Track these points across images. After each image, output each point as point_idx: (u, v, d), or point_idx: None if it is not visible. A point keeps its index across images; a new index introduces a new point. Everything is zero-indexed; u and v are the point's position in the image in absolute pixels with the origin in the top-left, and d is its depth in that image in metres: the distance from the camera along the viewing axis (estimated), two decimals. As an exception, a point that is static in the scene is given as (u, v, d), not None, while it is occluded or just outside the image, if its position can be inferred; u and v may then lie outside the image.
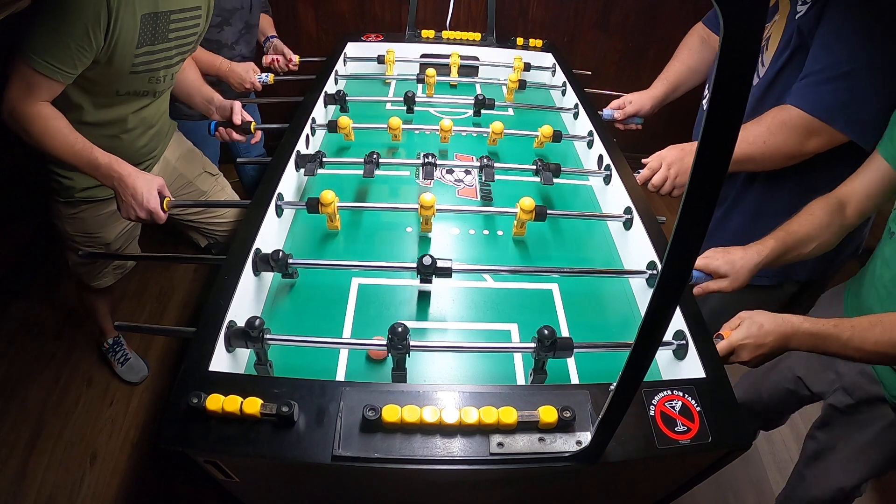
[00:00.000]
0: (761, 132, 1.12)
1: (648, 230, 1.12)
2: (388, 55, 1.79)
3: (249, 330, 0.83)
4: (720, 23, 0.37)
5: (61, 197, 1.36)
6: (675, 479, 0.96)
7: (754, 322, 0.89)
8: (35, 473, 1.64)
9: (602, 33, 2.62)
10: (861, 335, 0.84)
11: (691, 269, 0.50)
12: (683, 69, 1.55)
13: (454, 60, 1.79)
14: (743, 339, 0.89)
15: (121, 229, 1.48)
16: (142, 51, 1.17)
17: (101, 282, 1.61)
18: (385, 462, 0.71)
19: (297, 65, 1.86)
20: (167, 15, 1.19)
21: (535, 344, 0.85)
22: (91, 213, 1.40)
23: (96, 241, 1.46)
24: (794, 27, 1.09)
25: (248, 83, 1.67)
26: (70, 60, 1.07)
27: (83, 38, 1.05)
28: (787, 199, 1.24)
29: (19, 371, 1.91)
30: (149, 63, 1.21)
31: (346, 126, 1.39)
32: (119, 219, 1.45)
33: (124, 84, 1.22)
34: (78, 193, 1.35)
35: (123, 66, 1.16)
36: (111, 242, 1.48)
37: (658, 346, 0.57)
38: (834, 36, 1.04)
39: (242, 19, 1.74)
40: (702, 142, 0.41)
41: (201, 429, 0.73)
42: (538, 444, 0.73)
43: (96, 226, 1.43)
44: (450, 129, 1.40)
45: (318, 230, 1.22)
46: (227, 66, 1.65)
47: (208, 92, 1.48)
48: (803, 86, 1.09)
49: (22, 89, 1.08)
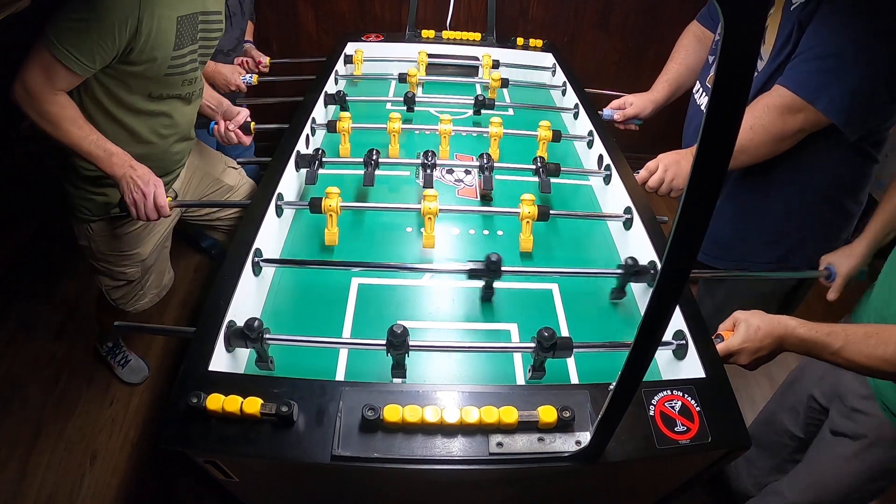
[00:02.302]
0: (748, 118, 1.12)
1: (648, 230, 1.12)
2: (357, 55, 1.79)
3: (248, 331, 0.83)
4: (721, 21, 0.37)
5: (95, 216, 1.34)
6: (674, 479, 0.96)
7: (751, 325, 0.89)
8: (35, 473, 1.64)
9: (602, 33, 2.62)
10: (853, 346, 0.83)
11: (691, 269, 0.50)
12: (682, 70, 1.55)
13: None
14: (741, 343, 0.89)
15: (155, 241, 1.46)
16: (179, 52, 1.19)
17: (139, 305, 1.55)
18: (384, 462, 0.71)
19: (266, 66, 1.90)
20: (195, 17, 1.21)
21: (535, 344, 0.85)
22: (125, 228, 1.38)
23: (132, 258, 1.43)
24: (793, 21, 1.09)
25: (234, 84, 1.70)
26: (90, 54, 1.07)
27: (108, 35, 1.06)
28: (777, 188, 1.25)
29: (20, 370, 1.91)
30: (183, 65, 1.22)
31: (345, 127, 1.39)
32: (153, 230, 1.43)
33: (159, 86, 1.23)
34: (114, 210, 1.32)
35: (161, 67, 1.17)
36: (147, 258, 1.45)
37: (658, 346, 0.57)
38: (825, 22, 1.05)
39: (238, 26, 1.76)
40: (701, 141, 0.42)
41: (201, 429, 0.73)
42: (538, 444, 0.73)
43: (132, 241, 1.40)
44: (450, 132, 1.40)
45: (319, 230, 1.22)
46: (212, 68, 1.66)
47: (215, 99, 1.49)
48: (791, 65, 1.10)
49: (40, 74, 1.08)
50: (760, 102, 1.11)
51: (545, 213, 1.14)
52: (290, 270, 1.11)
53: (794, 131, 1.10)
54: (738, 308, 0.95)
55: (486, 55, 1.82)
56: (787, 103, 1.08)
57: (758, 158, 1.16)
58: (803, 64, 1.07)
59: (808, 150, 1.16)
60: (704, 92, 1.36)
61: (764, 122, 1.10)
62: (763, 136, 1.11)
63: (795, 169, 1.21)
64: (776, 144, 1.13)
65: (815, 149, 1.16)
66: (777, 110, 1.09)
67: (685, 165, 1.21)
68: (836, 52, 1.03)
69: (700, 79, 1.41)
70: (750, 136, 1.11)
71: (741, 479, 1.50)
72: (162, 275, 1.59)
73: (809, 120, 1.08)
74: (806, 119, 1.08)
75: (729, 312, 0.95)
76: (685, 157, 1.22)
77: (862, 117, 1.06)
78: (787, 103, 1.08)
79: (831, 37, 1.04)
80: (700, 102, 1.37)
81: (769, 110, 1.10)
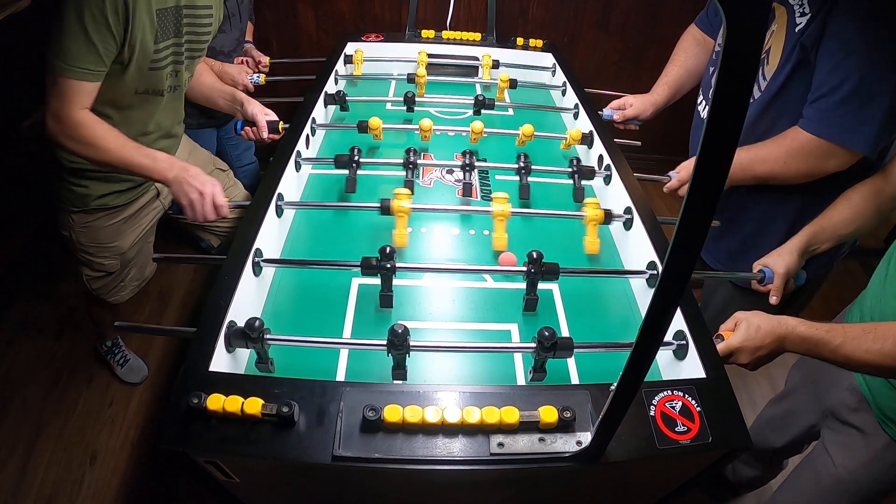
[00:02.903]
0: (780, 155, 1.13)
1: (648, 230, 1.12)
2: (357, 55, 1.79)
3: (249, 331, 0.83)
4: (723, 22, 0.36)
5: (75, 207, 1.34)
6: (675, 478, 0.96)
7: (751, 324, 0.89)
8: (35, 473, 1.64)
9: (602, 33, 2.62)
10: (852, 343, 0.83)
11: (692, 268, 0.50)
12: (682, 73, 1.56)
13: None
14: (741, 342, 0.89)
15: (136, 236, 1.46)
16: (160, 46, 1.17)
17: (119, 296, 1.57)
18: (385, 462, 0.71)
19: (266, 66, 1.90)
20: (179, 10, 1.20)
21: (535, 344, 0.85)
22: (105, 221, 1.38)
23: (112, 250, 1.43)
24: (794, 41, 1.08)
25: (241, 85, 1.69)
26: (99, 59, 1.07)
27: (107, 35, 1.06)
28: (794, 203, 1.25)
29: (19, 371, 1.90)
30: (165, 59, 1.21)
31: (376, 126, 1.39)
32: (133, 224, 1.44)
33: (143, 81, 1.21)
34: (94, 202, 1.33)
35: (145, 61, 1.16)
36: (126, 251, 1.46)
37: (658, 347, 0.57)
38: (841, 52, 1.02)
39: (237, 27, 1.76)
40: (703, 143, 0.42)
41: (201, 429, 0.73)
42: (538, 445, 0.73)
43: (111, 234, 1.41)
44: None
45: (319, 230, 1.22)
46: (218, 68, 1.66)
47: (228, 90, 1.48)
48: (816, 110, 1.08)
49: (64, 100, 1.08)
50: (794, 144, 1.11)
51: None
52: (290, 270, 1.11)
53: (828, 171, 1.11)
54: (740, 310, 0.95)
55: (486, 54, 1.82)
56: (823, 150, 1.08)
57: (787, 183, 1.18)
58: (830, 108, 1.06)
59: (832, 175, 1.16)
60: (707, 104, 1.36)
61: (799, 165, 1.12)
62: (797, 174, 1.13)
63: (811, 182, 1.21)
64: (810, 178, 1.14)
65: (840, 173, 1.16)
66: (813, 155, 1.10)
67: None
68: (860, 89, 1.02)
69: (703, 90, 1.41)
70: (784, 171, 1.14)
71: None
72: (143, 268, 1.59)
73: (845, 161, 1.09)
74: (840, 162, 1.09)
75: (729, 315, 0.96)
76: None
77: (887, 141, 1.07)
78: (823, 150, 1.08)
79: (850, 72, 1.02)
80: (704, 115, 1.37)
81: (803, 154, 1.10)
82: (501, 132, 1.49)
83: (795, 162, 1.12)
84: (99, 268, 1.46)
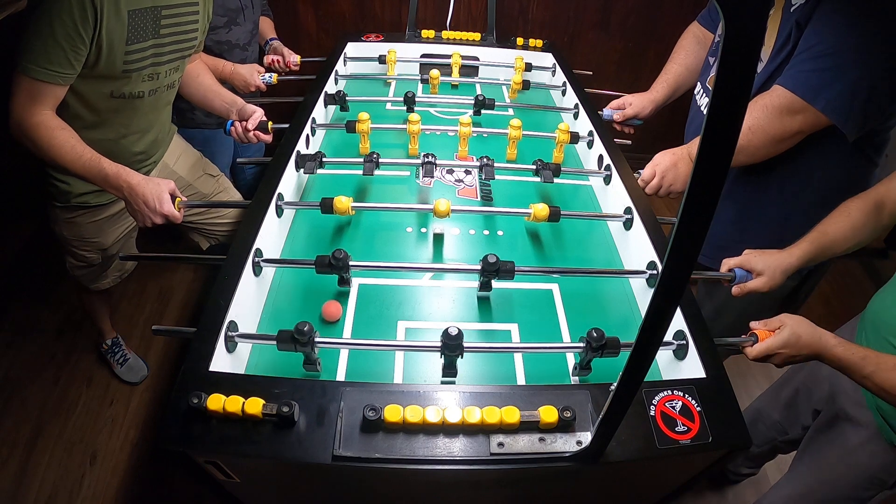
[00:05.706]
0: (747, 119, 1.11)
1: (648, 230, 1.12)
2: (390, 55, 1.79)
3: (298, 335, 0.82)
4: (721, 21, 0.37)
5: (58, 201, 1.36)
6: (675, 478, 0.96)
7: (794, 333, 0.90)
8: (35, 473, 1.64)
9: (602, 33, 2.62)
10: (884, 374, 0.86)
11: (692, 268, 0.50)
12: (682, 70, 1.56)
13: (455, 60, 1.79)
14: (781, 347, 0.90)
15: (118, 234, 1.48)
16: (133, 48, 1.16)
17: (100, 284, 1.60)
18: (385, 462, 0.71)
19: (297, 65, 1.86)
20: (157, 10, 1.18)
21: (584, 345, 0.86)
22: (87, 218, 1.40)
23: (93, 245, 1.46)
24: (792, 22, 1.09)
25: (253, 85, 1.67)
26: (66, 61, 1.07)
27: (75, 38, 1.05)
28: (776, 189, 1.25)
29: (19, 371, 1.91)
30: (141, 60, 1.19)
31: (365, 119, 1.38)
32: (115, 223, 1.45)
33: (118, 85, 1.20)
34: (74, 199, 1.34)
35: (115, 64, 1.15)
36: (108, 247, 1.48)
37: (659, 347, 0.57)
38: (824, 21, 1.04)
39: (250, 19, 1.75)
40: (702, 143, 0.42)
41: (202, 429, 0.73)
42: (539, 444, 0.73)
43: (93, 231, 1.43)
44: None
45: (319, 230, 1.22)
46: (230, 69, 1.65)
47: (229, 96, 1.47)
48: (789, 65, 1.09)
49: (26, 100, 1.08)
50: (759, 102, 1.11)
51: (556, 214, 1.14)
52: (290, 270, 1.11)
53: (793, 132, 1.10)
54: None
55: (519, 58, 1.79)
56: (786, 104, 1.07)
57: (756, 159, 1.16)
58: (802, 64, 1.07)
59: (807, 152, 1.16)
60: (705, 93, 1.36)
61: (762, 123, 1.10)
62: (762, 137, 1.11)
63: (794, 171, 1.20)
64: (775, 146, 1.13)
65: (814, 151, 1.15)
66: (776, 111, 1.09)
67: (682, 168, 1.22)
68: (835, 52, 1.02)
69: (701, 79, 1.41)
70: (749, 137, 1.11)
71: None
72: (124, 262, 1.61)
73: (809, 120, 1.07)
74: (805, 120, 1.08)
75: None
76: (682, 160, 1.22)
77: (861, 117, 1.05)
78: (785, 104, 1.07)
79: (830, 36, 1.03)
80: (701, 103, 1.37)
81: (768, 111, 1.09)
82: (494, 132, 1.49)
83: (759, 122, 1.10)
84: (81, 259, 1.49)
